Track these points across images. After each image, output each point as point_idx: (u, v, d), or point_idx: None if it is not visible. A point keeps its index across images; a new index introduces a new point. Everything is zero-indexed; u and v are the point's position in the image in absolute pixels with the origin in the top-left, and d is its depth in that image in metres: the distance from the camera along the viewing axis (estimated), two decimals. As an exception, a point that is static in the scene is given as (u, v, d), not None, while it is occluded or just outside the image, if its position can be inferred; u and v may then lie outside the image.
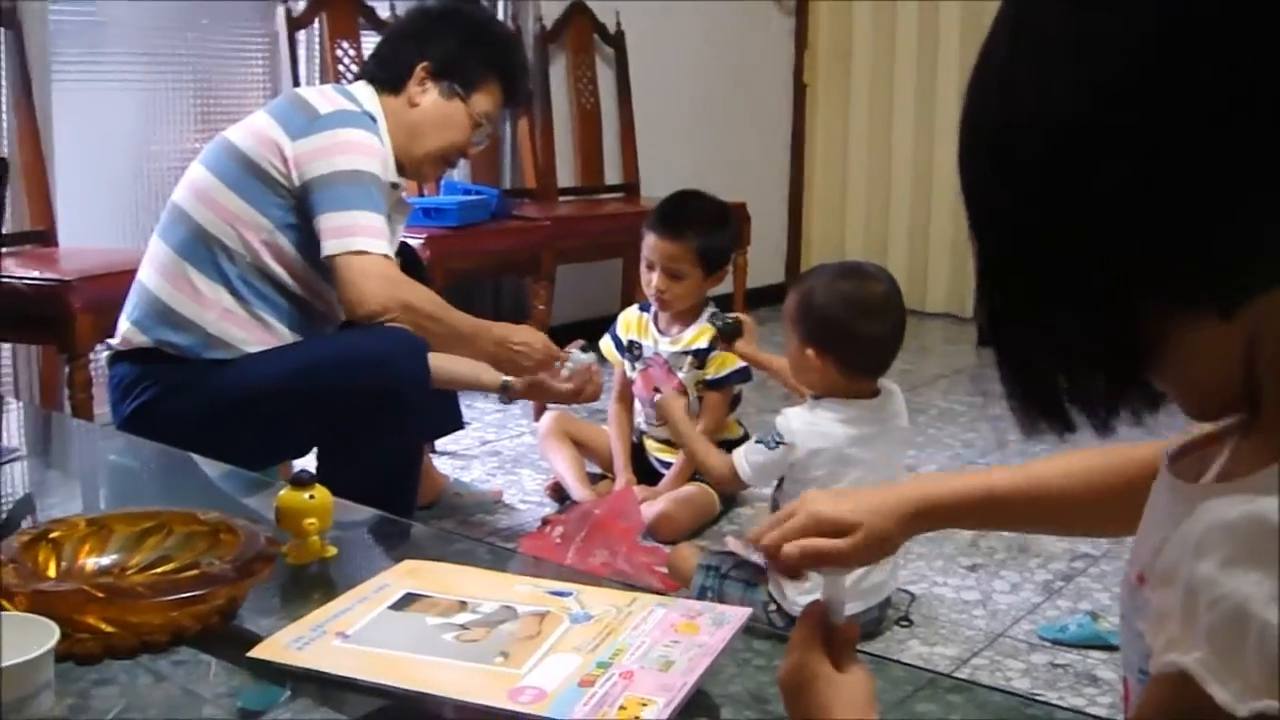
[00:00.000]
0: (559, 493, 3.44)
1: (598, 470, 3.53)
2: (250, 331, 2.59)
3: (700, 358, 3.34)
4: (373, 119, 2.67)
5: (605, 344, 3.51)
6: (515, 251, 4.25)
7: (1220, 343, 0.75)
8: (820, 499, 1.17)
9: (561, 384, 2.78)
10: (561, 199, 5.00)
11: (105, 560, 1.42)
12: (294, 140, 2.56)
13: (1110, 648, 2.53)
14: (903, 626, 2.65)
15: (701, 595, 2.59)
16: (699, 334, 3.35)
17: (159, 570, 1.41)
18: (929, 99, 5.92)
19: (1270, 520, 0.68)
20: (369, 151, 2.59)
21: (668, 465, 3.39)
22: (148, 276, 2.63)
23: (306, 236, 2.55)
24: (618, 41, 5.23)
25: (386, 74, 2.78)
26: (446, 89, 2.76)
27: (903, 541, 1.21)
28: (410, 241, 3.77)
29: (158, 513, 1.49)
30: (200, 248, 2.58)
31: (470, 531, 3.19)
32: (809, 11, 6.18)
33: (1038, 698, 2.37)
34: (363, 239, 2.49)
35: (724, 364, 3.31)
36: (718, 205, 3.45)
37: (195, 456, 2.08)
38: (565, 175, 5.09)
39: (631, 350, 3.47)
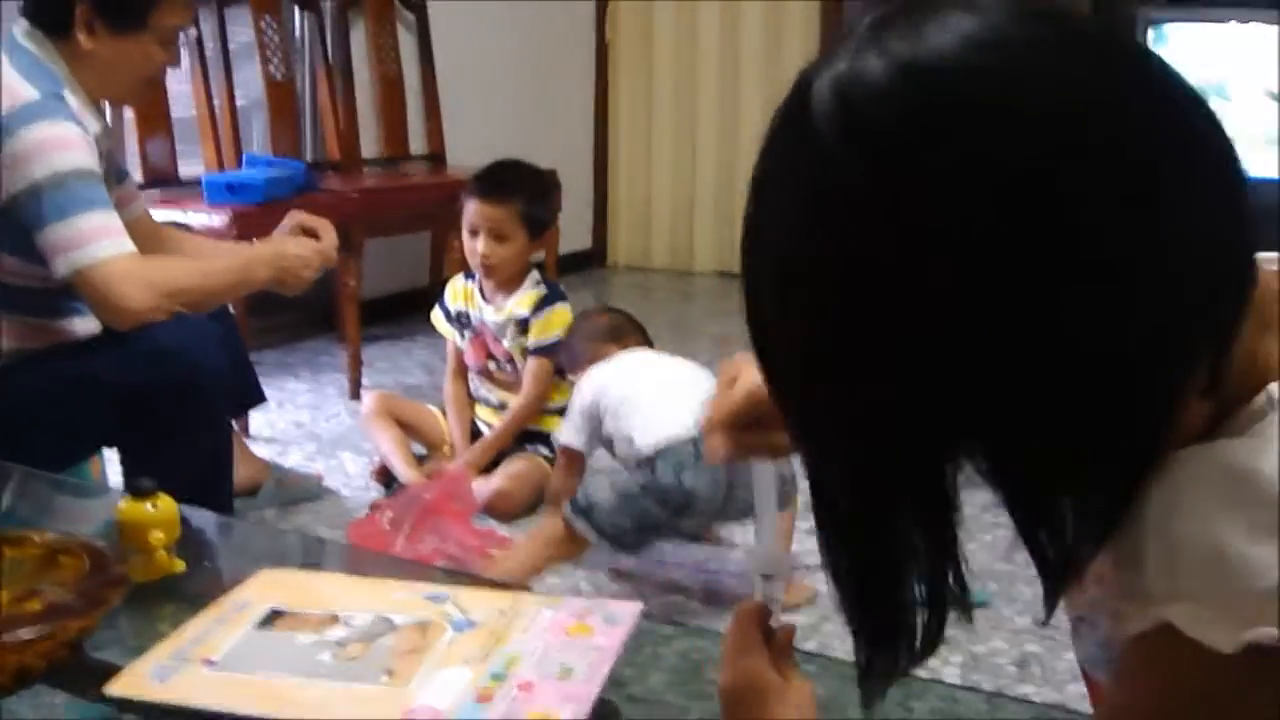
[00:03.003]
0: (385, 476, 3.34)
1: (422, 450, 3.44)
2: (13, 338, 2.43)
3: (523, 324, 3.30)
4: (56, 95, 2.35)
5: (435, 316, 3.48)
6: (323, 227, 4.11)
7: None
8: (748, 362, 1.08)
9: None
10: (366, 170, 4.85)
11: (-71, 595, 1.28)
12: None
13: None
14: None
15: None
16: (522, 300, 3.32)
17: (-8, 601, 1.28)
18: (732, 51, 5.89)
19: (1233, 464, 0.72)
20: (65, 145, 2.31)
21: (543, 439, 3.35)
22: None
23: (23, 239, 2.34)
24: (418, 7, 5.08)
25: (45, 16, 2.42)
26: (116, 28, 2.41)
27: None
28: (214, 219, 3.64)
29: (-16, 536, 1.36)
30: None
31: (294, 519, 3.08)
32: (609, -32, 6.10)
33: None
34: (92, 246, 2.28)
35: (546, 329, 3.27)
36: (537, 171, 3.47)
37: (9, 465, 1.92)
38: (369, 146, 4.94)
39: (460, 320, 3.41)
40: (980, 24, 0.71)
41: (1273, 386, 0.74)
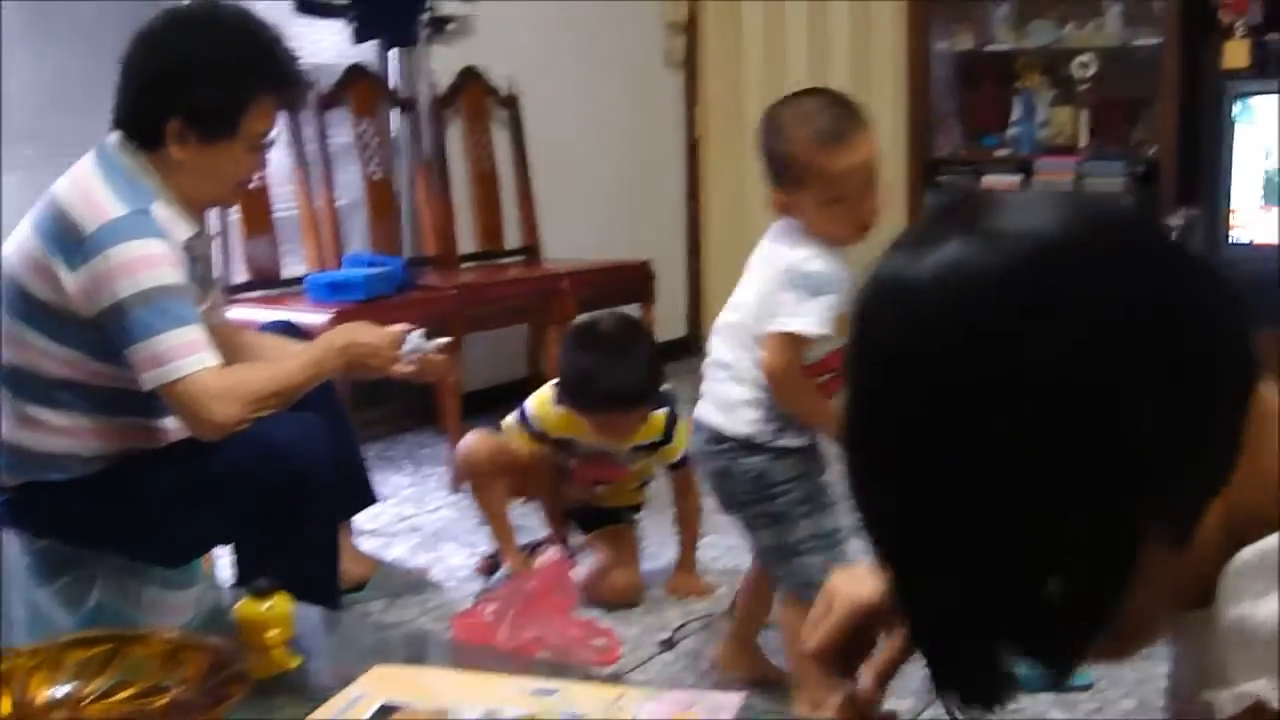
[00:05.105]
0: (490, 567, 3.37)
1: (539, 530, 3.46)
2: (116, 439, 2.48)
3: (652, 447, 3.23)
4: (143, 211, 2.39)
5: (511, 427, 3.31)
6: (423, 322, 4.09)
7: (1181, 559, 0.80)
8: (844, 583, 1.12)
9: (403, 367, 2.66)
10: (463, 266, 4.94)
11: (60, 692, 1.33)
12: (70, 272, 2.35)
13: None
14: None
15: None
16: (650, 426, 3.19)
17: (119, 697, 1.33)
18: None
19: (1271, 549, 0.77)
20: (149, 263, 2.35)
21: (635, 508, 3.40)
22: None
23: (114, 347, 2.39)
24: (511, 104, 5.19)
25: (138, 130, 2.47)
26: (205, 138, 2.44)
27: None
28: (317, 318, 3.71)
29: (111, 634, 1.41)
30: (26, 384, 2.45)
31: (401, 613, 3.12)
32: (697, 66, 6.19)
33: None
34: (176, 363, 2.33)
35: (678, 446, 3.20)
36: (643, 341, 3.25)
37: (132, 565, 1.98)
38: (466, 241, 5.03)
39: (564, 446, 3.27)
40: (960, 251, 0.80)
41: None
